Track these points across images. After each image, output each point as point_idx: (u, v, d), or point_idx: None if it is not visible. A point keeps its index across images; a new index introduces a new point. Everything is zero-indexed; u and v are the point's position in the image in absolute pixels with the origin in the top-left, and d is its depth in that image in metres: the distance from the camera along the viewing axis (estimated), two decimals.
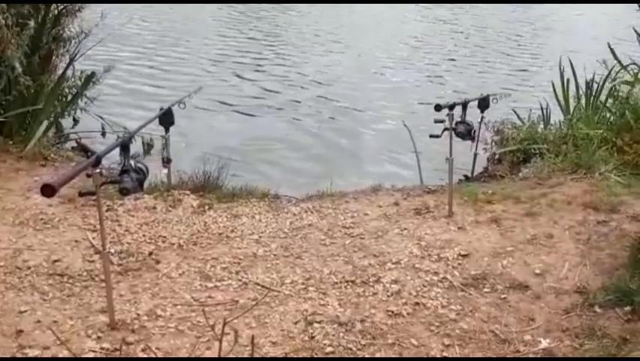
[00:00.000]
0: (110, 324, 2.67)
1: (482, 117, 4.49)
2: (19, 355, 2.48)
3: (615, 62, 5.43)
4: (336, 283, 3.10)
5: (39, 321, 2.67)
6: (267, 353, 2.57)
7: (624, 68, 5.33)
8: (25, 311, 2.74)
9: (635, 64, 5.34)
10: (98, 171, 2.38)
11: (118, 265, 3.18)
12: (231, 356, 2.31)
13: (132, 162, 2.58)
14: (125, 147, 2.58)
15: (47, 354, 2.49)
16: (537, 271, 3.20)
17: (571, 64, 5.68)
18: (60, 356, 2.48)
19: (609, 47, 5.49)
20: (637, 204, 3.82)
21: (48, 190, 2.08)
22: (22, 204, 3.74)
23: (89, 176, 2.40)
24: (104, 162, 2.44)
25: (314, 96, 8.10)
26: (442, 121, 3.69)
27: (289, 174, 5.47)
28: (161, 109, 3.86)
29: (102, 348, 2.55)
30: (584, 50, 8.43)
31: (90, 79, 5.17)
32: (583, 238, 3.50)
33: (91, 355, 2.50)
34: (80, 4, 5.06)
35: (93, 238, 3.39)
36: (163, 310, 2.82)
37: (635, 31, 5.30)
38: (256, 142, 6.31)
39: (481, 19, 13.66)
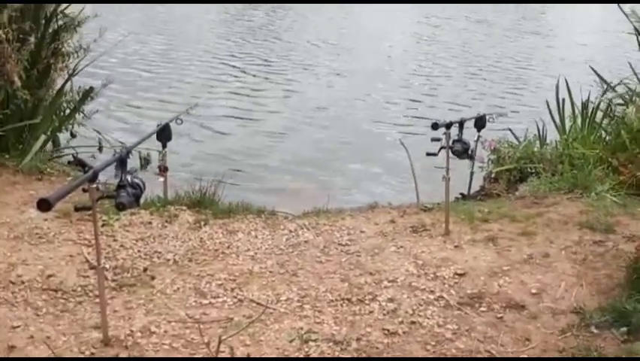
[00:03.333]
0: (103, 340, 2.65)
1: (479, 136, 4.50)
2: None
3: (612, 81, 5.49)
4: (332, 300, 3.09)
5: (32, 337, 2.65)
6: None
7: (612, 89, 5.40)
8: (18, 327, 2.71)
9: (624, 84, 5.40)
10: (94, 186, 2.38)
11: (112, 280, 3.15)
12: None
13: (129, 177, 2.57)
14: (122, 162, 2.57)
15: None
16: (533, 291, 3.19)
17: (567, 84, 5.73)
18: None
19: (592, 69, 5.56)
20: (633, 224, 3.82)
21: (44, 205, 2.07)
22: (17, 218, 3.72)
23: (85, 191, 2.39)
24: (101, 176, 2.44)
25: (312, 111, 8.15)
26: (438, 139, 3.71)
27: (286, 191, 5.50)
28: (158, 125, 3.87)
29: None
30: (581, 69, 8.48)
31: (88, 94, 5.18)
32: (579, 258, 3.49)
33: None
34: (79, 20, 5.10)
35: (88, 253, 3.37)
36: (157, 327, 2.79)
37: (630, 65, 5.36)
38: (253, 159, 6.34)
39: (478, 37, 13.78)
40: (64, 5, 5.09)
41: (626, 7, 5.56)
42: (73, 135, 5.49)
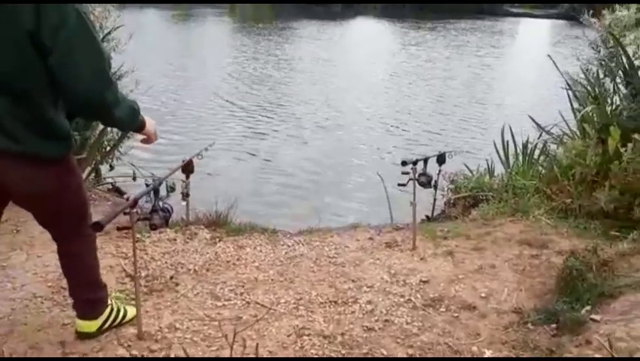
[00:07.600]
0: (137, 335, 2.71)
1: (440, 170, 4.61)
2: None
3: (548, 124, 5.65)
4: (322, 303, 3.16)
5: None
6: None
7: (547, 132, 5.55)
8: (68, 324, 2.77)
9: (558, 126, 5.55)
10: (134, 210, 2.47)
11: (144, 286, 3.22)
12: None
13: (160, 203, 2.66)
14: (155, 191, 2.67)
15: None
16: (483, 295, 3.27)
17: (510, 129, 5.90)
18: None
19: (531, 118, 5.71)
20: (562, 241, 3.92)
21: (97, 226, 2.15)
22: None
23: (125, 214, 2.48)
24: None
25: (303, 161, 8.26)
26: (407, 173, 3.81)
27: (287, 214, 5.58)
28: (183, 160, 3.96)
29: (131, 355, 2.58)
30: (523, 114, 8.68)
31: (125, 135, 5.27)
32: (519, 269, 3.58)
33: None
34: (119, 75, 5.23)
35: (125, 264, 3.43)
36: (181, 324, 2.86)
37: (560, 113, 5.45)
38: (257, 192, 6.42)
39: (438, 90, 14.00)
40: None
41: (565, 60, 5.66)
42: (112, 167, 5.57)
